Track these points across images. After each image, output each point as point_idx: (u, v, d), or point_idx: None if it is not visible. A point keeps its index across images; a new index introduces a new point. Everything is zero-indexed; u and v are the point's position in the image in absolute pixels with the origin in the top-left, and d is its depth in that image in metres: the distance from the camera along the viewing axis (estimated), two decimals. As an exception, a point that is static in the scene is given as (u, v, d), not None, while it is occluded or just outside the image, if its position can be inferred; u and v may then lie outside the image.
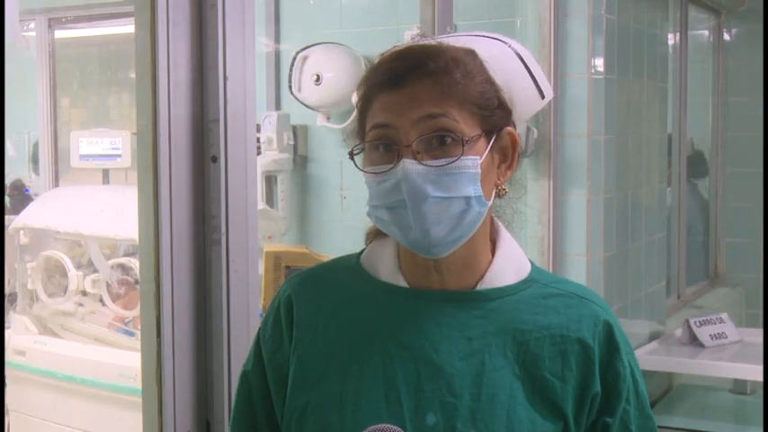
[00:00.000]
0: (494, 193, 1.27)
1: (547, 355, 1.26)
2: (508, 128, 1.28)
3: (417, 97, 1.21)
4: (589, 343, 1.28)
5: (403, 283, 1.30)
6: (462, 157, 1.20)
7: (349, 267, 1.36)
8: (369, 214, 1.27)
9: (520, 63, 1.36)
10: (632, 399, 1.31)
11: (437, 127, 1.20)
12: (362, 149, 1.25)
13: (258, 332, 1.40)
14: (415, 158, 1.20)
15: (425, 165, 1.19)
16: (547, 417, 1.25)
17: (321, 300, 1.33)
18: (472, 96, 1.23)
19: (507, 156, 1.29)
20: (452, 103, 1.21)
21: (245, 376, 1.39)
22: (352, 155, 1.25)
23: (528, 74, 1.37)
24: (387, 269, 1.32)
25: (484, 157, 1.23)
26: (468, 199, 1.21)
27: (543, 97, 1.39)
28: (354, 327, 1.30)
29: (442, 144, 1.20)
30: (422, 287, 1.29)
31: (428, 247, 1.23)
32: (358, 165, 1.26)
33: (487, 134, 1.24)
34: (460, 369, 1.24)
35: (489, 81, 1.26)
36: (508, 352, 1.26)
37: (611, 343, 1.30)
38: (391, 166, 1.21)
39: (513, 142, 1.29)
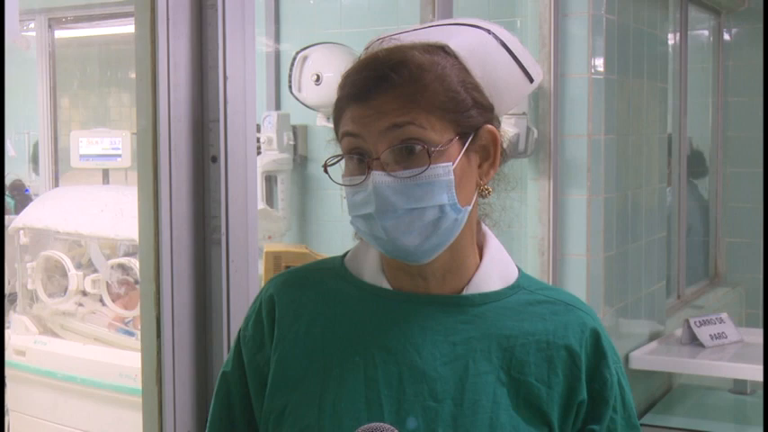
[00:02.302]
0: (476, 194, 1.25)
1: (533, 361, 1.24)
2: (487, 126, 1.24)
3: (382, 109, 1.18)
4: (576, 350, 1.25)
5: (386, 286, 1.28)
6: (432, 166, 1.17)
7: (333, 268, 1.34)
8: (351, 223, 1.25)
9: (503, 50, 1.30)
10: (619, 407, 1.29)
11: (404, 137, 1.18)
12: (336, 161, 1.24)
13: (239, 333, 1.36)
14: (384, 170, 1.18)
15: (394, 176, 1.18)
16: (531, 423, 1.22)
17: (304, 300, 1.30)
18: (441, 101, 1.19)
19: (489, 154, 1.26)
20: (419, 111, 1.18)
21: (224, 377, 1.35)
22: (326, 167, 1.24)
23: (513, 59, 1.31)
24: (370, 271, 1.30)
25: (457, 162, 1.20)
26: (441, 207, 1.19)
27: (532, 81, 1.33)
28: (336, 328, 1.27)
29: (410, 154, 1.18)
30: (405, 290, 1.27)
31: (405, 255, 1.22)
32: (332, 177, 1.24)
33: (462, 136, 1.21)
34: (443, 374, 1.22)
35: (461, 81, 1.22)
36: (493, 357, 1.23)
37: (598, 350, 1.27)
38: (363, 178, 1.20)
39: (494, 139, 1.25)
